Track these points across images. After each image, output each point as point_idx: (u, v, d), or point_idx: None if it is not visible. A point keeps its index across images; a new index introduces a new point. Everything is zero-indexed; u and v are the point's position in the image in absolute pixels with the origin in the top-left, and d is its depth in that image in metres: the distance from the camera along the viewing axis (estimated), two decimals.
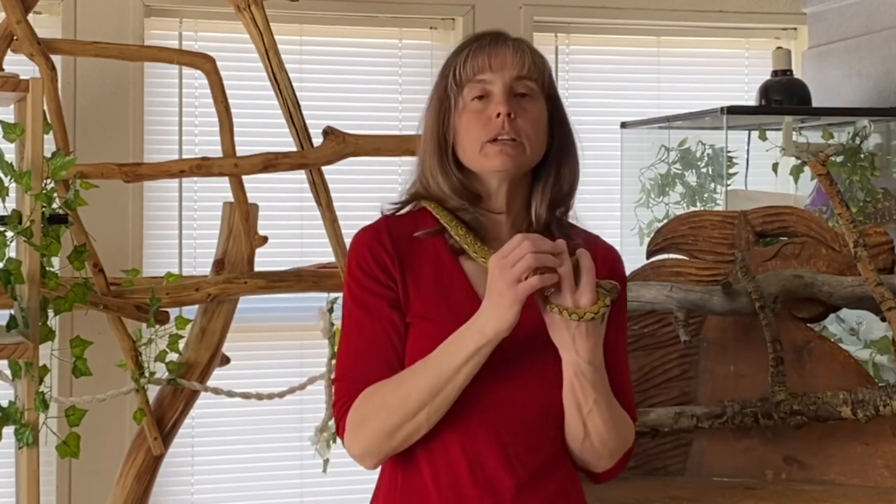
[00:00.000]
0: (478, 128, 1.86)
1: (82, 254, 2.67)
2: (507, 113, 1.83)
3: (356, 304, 1.87)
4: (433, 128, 1.91)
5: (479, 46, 1.89)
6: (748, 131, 4.15)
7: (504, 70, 1.86)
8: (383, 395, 1.80)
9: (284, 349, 4.05)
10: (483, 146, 1.85)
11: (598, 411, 1.82)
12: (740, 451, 2.52)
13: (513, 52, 1.87)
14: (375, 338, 1.84)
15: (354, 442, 1.83)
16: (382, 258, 1.86)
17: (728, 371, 2.57)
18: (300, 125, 3.07)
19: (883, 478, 2.44)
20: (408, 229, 1.91)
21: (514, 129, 1.84)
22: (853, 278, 2.47)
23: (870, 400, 2.38)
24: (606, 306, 1.75)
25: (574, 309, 1.74)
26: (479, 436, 1.81)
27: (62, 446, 2.50)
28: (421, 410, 1.78)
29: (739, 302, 2.49)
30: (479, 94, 1.87)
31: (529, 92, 1.87)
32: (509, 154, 1.84)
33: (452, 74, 1.89)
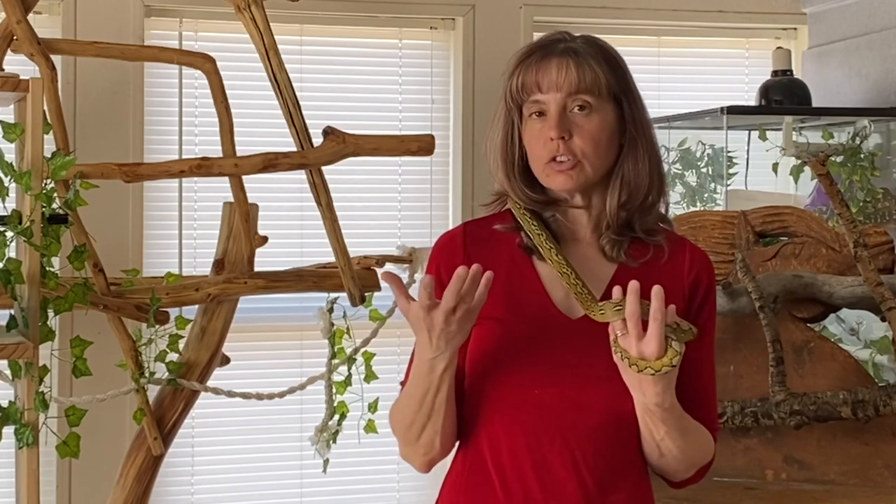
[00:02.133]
0: (538, 148, 1.85)
1: (82, 254, 2.67)
2: (559, 137, 1.82)
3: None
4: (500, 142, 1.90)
5: (528, 65, 1.86)
6: (748, 131, 4.14)
7: (553, 90, 1.83)
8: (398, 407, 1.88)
9: (284, 349, 4.05)
10: (544, 167, 1.85)
11: (671, 440, 1.81)
12: (740, 451, 2.52)
13: (557, 68, 1.83)
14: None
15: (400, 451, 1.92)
16: (454, 264, 1.81)
17: (728, 371, 2.57)
18: (300, 125, 3.07)
19: (883, 478, 2.44)
20: (488, 230, 1.91)
21: (570, 150, 1.82)
22: (853, 278, 2.47)
23: (870, 400, 2.38)
24: (672, 366, 1.67)
25: (636, 359, 1.69)
26: (544, 438, 1.80)
27: (62, 446, 2.50)
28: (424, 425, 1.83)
29: (739, 302, 2.49)
30: (536, 111, 1.85)
31: (586, 105, 1.83)
32: (568, 175, 1.83)
33: (509, 93, 1.87)
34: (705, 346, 1.90)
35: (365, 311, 3.28)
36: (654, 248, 1.88)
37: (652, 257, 1.87)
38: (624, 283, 1.80)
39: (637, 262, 1.86)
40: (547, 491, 1.80)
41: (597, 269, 1.87)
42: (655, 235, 1.88)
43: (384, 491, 4.11)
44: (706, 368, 1.91)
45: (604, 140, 1.85)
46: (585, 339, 1.81)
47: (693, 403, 1.85)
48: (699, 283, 1.88)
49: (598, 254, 1.88)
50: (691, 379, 1.85)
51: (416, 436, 1.84)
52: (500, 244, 1.88)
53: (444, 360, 1.77)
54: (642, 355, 1.69)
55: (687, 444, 1.83)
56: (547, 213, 1.89)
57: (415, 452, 1.87)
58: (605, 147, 1.86)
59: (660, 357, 1.67)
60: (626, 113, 1.88)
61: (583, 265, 1.85)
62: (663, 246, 1.88)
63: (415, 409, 1.82)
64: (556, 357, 1.81)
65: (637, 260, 1.87)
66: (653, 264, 1.87)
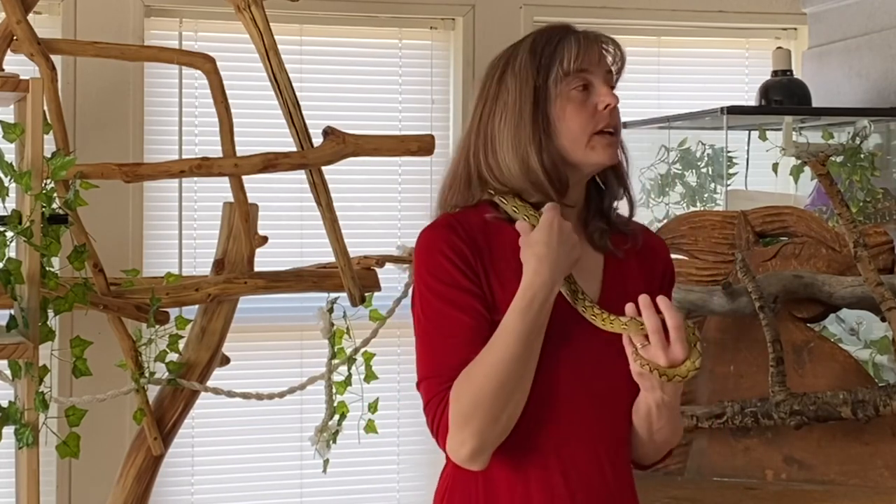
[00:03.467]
0: (584, 118, 1.85)
1: (82, 254, 2.67)
2: (614, 105, 1.86)
3: (441, 299, 1.80)
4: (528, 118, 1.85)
5: (579, 38, 1.89)
6: (748, 131, 4.14)
7: (604, 64, 1.88)
8: (476, 382, 1.74)
9: (284, 349, 4.05)
10: (591, 137, 1.84)
11: (667, 428, 1.85)
12: (740, 451, 2.52)
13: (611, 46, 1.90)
14: (468, 332, 1.78)
15: (461, 442, 1.76)
16: (463, 251, 1.82)
17: (728, 371, 2.57)
18: (300, 125, 3.07)
19: (883, 478, 2.44)
20: (477, 222, 1.86)
21: (614, 122, 1.87)
22: (853, 278, 2.47)
23: (870, 400, 2.38)
24: (696, 368, 1.71)
25: (665, 369, 1.72)
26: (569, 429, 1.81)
27: (62, 446, 2.50)
28: (518, 382, 1.75)
29: (739, 302, 2.49)
30: (582, 84, 1.86)
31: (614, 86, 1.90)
32: (615, 147, 1.86)
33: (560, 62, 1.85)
34: None
35: (365, 311, 3.28)
36: (630, 237, 1.91)
37: (629, 246, 1.91)
38: (615, 273, 1.88)
39: (621, 251, 1.90)
40: (571, 485, 1.80)
41: (585, 259, 1.87)
42: (627, 225, 1.93)
43: (384, 491, 4.11)
44: None
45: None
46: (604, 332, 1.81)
47: None
48: (668, 267, 1.96)
49: (586, 244, 1.89)
50: None
51: (505, 401, 1.74)
52: (497, 234, 1.85)
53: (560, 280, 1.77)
54: (672, 363, 1.71)
55: (673, 431, 1.88)
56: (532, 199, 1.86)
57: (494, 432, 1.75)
58: None
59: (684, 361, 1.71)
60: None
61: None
62: (636, 235, 1.92)
63: (517, 355, 1.73)
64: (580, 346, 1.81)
65: (620, 248, 1.90)
66: (633, 255, 1.92)
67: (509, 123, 1.86)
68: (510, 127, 1.86)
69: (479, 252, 1.82)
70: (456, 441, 1.76)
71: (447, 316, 1.80)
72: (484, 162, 1.88)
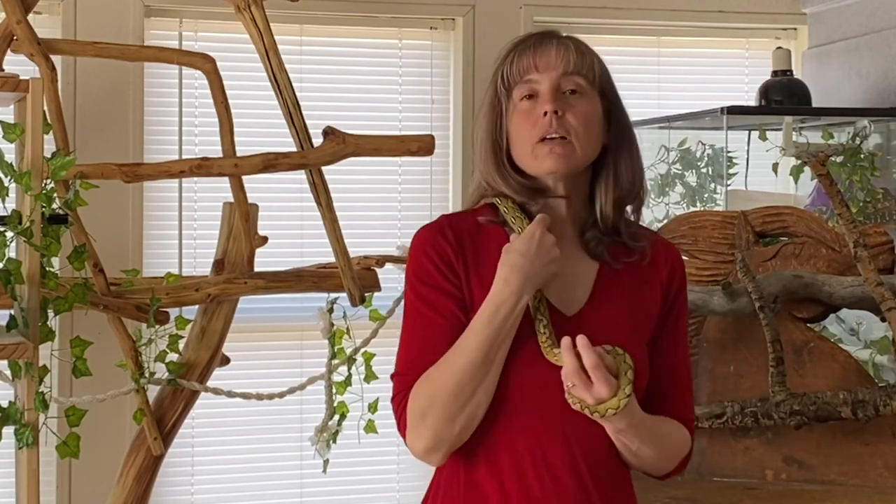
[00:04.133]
0: (527, 128, 1.85)
1: (82, 254, 2.67)
2: (553, 111, 1.82)
3: (420, 299, 1.85)
4: (487, 132, 1.90)
5: (524, 48, 1.88)
6: (748, 131, 4.14)
7: (549, 69, 1.85)
8: (435, 380, 1.79)
9: (284, 349, 4.05)
10: (533, 147, 1.84)
11: (648, 447, 1.83)
12: (740, 451, 2.52)
13: (557, 49, 1.86)
14: (442, 334, 1.82)
15: (417, 437, 1.81)
16: (447, 254, 1.85)
17: (728, 371, 2.57)
18: (300, 125, 3.06)
19: (883, 478, 2.44)
20: (469, 225, 1.89)
21: (563, 127, 1.83)
22: (853, 278, 2.47)
23: (870, 400, 2.38)
24: (627, 396, 1.71)
25: (595, 407, 1.73)
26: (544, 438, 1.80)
27: (62, 446, 2.50)
28: (478, 387, 1.77)
29: (739, 302, 2.49)
30: (527, 94, 1.86)
31: (578, 88, 1.85)
32: (559, 153, 1.83)
33: (501, 78, 1.88)
34: (679, 342, 1.93)
35: (365, 311, 3.28)
36: (638, 252, 1.90)
37: (635, 260, 1.89)
38: (608, 282, 1.86)
39: (620, 263, 1.88)
40: (546, 490, 1.80)
41: (579, 266, 1.88)
42: (639, 240, 1.90)
43: (384, 491, 4.11)
44: (680, 363, 1.94)
45: (594, 125, 1.86)
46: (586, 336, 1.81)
47: (667, 401, 1.91)
48: (674, 276, 1.92)
49: (580, 251, 1.89)
50: (665, 377, 1.90)
51: (462, 404, 1.77)
52: (487, 237, 1.87)
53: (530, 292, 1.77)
54: (599, 400, 1.72)
55: (662, 447, 1.87)
56: (533, 207, 1.88)
57: (450, 431, 1.79)
58: (595, 133, 1.87)
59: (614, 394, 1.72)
60: (612, 110, 1.90)
61: (567, 262, 1.86)
62: (647, 250, 1.90)
63: (477, 361, 1.76)
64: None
65: (620, 261, 1.89)
66: (634, 266, 1.89)
67: (483, 136, 1.90)
68: (483, 139, 1.90)
69: (463, 254, 1.85)
70: (413, 436, 1.81)
71: (423, 315, 1.84)
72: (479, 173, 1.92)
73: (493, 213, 1.90)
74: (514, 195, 1.88)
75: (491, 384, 1.78)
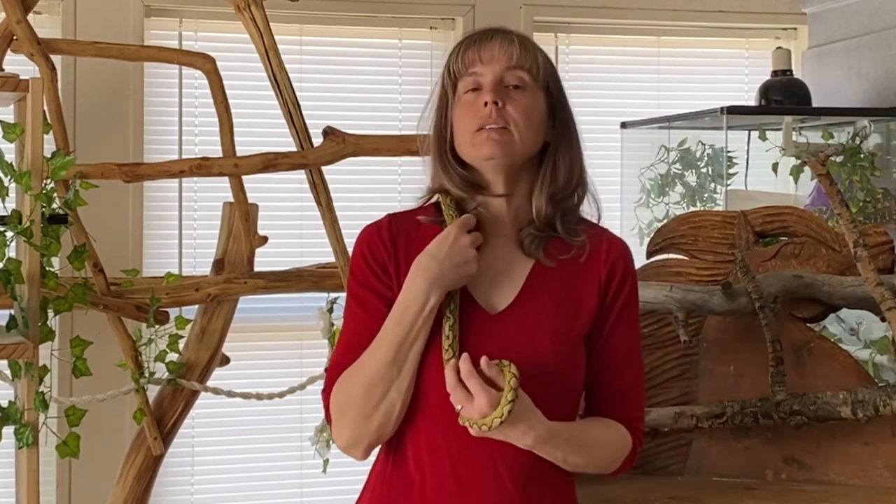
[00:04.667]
0: (469, 118, 1.87)
1: (82, 254, 2.67)
2: (493, 101, 1.85)
3: (353, 297, 1.90)
4: (434, 125, 1.94)
5: (470, 42, 1.91)
6: (748, 131, 4.15)
7: (493, 62, 1.88)
8: (351, 379, 1.84)
9: (284, 349, 4.05)
10: (473, 135, 1.87)
11: (574, 457, 1.84)
12: (740, 451, 2.52)
13: (500, 44, 1.89)
14: (366, 332, 1.85)
15: (339, 432, 1.87)
16: (380, 254, 1.89)
17: (728, 371, 2.57)
18: (300, 125, 3.07)
19: (883, 478, 2.44)
20: (409, 224, 1.92)
21: (503, 117, 1.85)
22: (853, 278, 2.47)
23: (870, 400, 2.38)
24: (510, 403, 1.71)
25: (481, 421, 1.73)
26: (463, 435, 1.80)
27: (62, 446, 2.50)
28: (390, 385, 1.81)
29: (739, 302, 2.49)
30: (472, 87, 1.89)
31: (521, 83, 1.88)
32: (496, 140, 1.85)
33: (447, 71, 1.92)
34: (622, 339, 1.93)
35: None
36: (576, 247, 1.90)
37: (572, 256, 1.90)
38: (539, 280, 1.88)
39: (554, 261, 1.89)
40: (463, 486, 1.81)
41: (513, 264, 1.90)
42: (577, 236, 1.91)
43: None
44: (623, 361, 1.93)
45: (535, 118, 1.89)
46: (506, 334, 1.84)
47: (608, 400, 1.92)
48: (614, 272, 1.91)
49: (516, 248, 1.91)
50: (606, 375, 1.91)
51: (376, 402, 1.81)
52: (425, 235, 1.88)
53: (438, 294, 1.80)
54: (482, 414, 1.73)
55: (591, 454, 1.87)
56: (470, 205, 1.90)
57: (367, 428, 1.83)
58: (536, 127, 1.89)
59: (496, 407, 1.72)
60: (556, 106, 1.93)
61: (500, 259, 1.89)
62: (585, 245, 1.90)
63: (387, 360, 1.80)
64: (477, 352, 1.79)
65: (555, 258, 1.90)
66: (571, 262, 1.90)
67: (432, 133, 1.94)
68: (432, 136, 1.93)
69: (396, 254, 1.88)
70: (336, 431, 1.87)
71: (355, 313, 1.89)
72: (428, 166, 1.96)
73: (437, 211, 1.93)
74: (453, 188, 1.90)
75: (404, 383, 1.81)
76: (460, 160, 1.91)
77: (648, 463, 2.54)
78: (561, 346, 1.85)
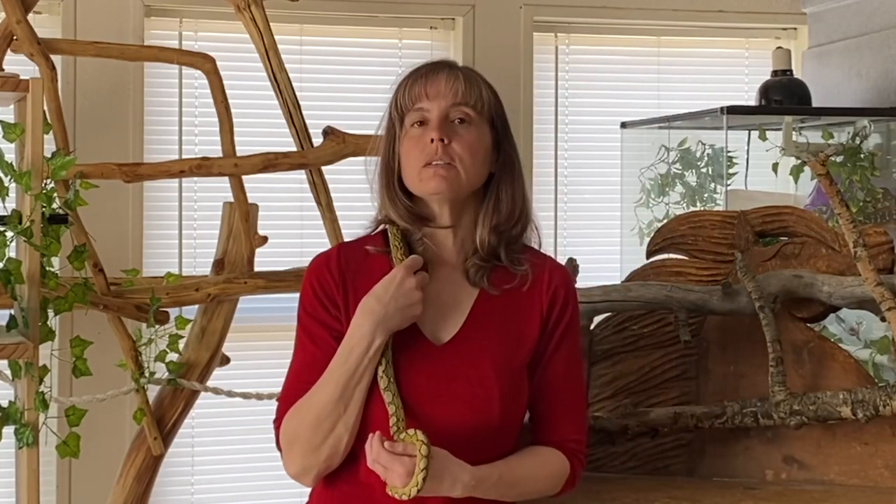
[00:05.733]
0: (416, 153, 1.92)
1: (82, 254, 2.67)
2: (439, 138, 1.89)
3: (302, 328, 1.96)
4: (381, 156, 1.99)
5: (417, 76, 1.96)
6: (748, 131, 4.15)
7: (439, 98, 1.92)
8: (299, 413, 1.88)
9: (284, 349, 4.01)
10: (420, 171, 1.91)
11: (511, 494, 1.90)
12: (740, 451, 2.52)
13: (446, 80, 1.93)
14: (315, 364, 1.90)
15: (288, 462, 1.92)
16: (328, 285, 1.93)
17: (728, 371, 2.57)
18: (300, 125, 3.07)
19: (883, 478, 2.44)
20: (358, 254, 1.97)
21: (448, 154, 1.90)
22: (853, 278, 2.47)
23: (870, 400, 2.38)
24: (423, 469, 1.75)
25: (401, 490, 1.77)
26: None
27: (62, 446, 2.50)
28: (337, 421, 1.85)
29: (739, 302, 2.49)
30: (418, 121, 1.93)
31: (466, 118, 1.92)
32: (442, 176, 1.89)
33: (395, 104, 1.97)
34: (563, 364, 1.97)
35: None
36: (519, 276, 1.94)
37: (516, 285, 1.94)
38: (484, 310, 1.92)
39: (499, 290, 1.94)
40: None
41: (459, 294, 1.94)
42: (521, 265, 1.95)
43: None
44: (564, 384, 1.98)
45: (480, 153, 1.93)
46: (451, 365, 1.88)
47: (548, 423, 1.97)
48: (556, 300, 1.96)
49: (462, 278, 1.95)
50: (546, 399, 1.96)
51: (324, 435, 1.85)
52: (374, 266, 1.93)
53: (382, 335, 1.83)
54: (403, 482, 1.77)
55: (526, 489, 1.93)
56: (416, 236, 1.94)
57: (315, 459, 1.87)
58: (480, 161, 1.93)
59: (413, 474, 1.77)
60: (501, 139, 1.97)
61: (446, 289, 1.93)
62: (528, 273, 1.95)
63: (334, 398, 1.83)
64: (422, 383, 1.86)
65: (500, 287, 1.94)
66: (514, 291, 1.94)
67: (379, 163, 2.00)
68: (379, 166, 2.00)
69: (344, 286, 1.93)
70: (285, 461, 1.92)
71: (303, 345, 1.96)
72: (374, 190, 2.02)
73: (385, 240, 1.97)
74: (399, 220, 1.95)
75: (351, 419, 1.85)
76: (406, 191, 1.95)
77: (648, 463, 2.54)
78: (503, 375, 1.89)
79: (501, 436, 1.90)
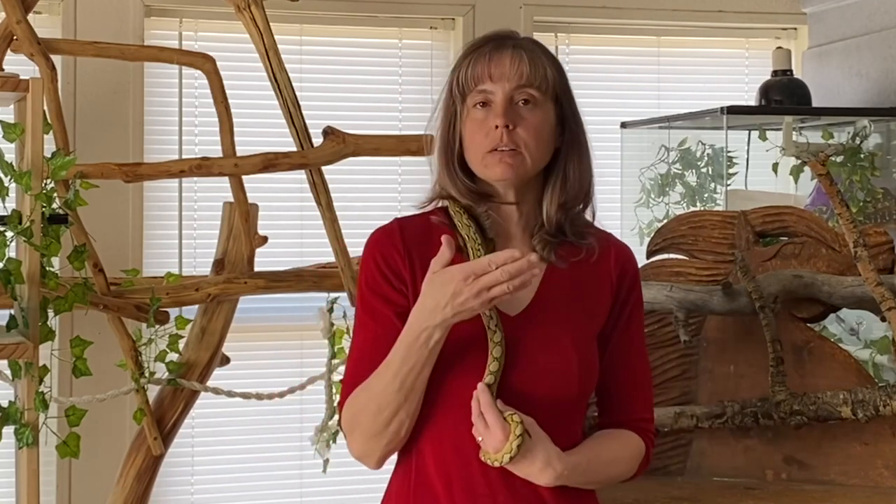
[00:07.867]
0: (480, 137, 1.87)
1: (82, 254, 2.67)
2: (504, 125, 1.85)
3: (365, 307, 1.89)
4: (441, 133, 1.93)
5: (479, 55, 1.89)
6: (748, 131, 4.15)
7: (503, 80, 1.86)
8: (359, 399, 1.84)
9: (284, 349, 4.05)
10: (484, 156, 1.87)
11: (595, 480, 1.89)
12: (740, 451, 2.52)
13: (511, 60, 1.87)
14: (377, 344, 1.84)
15: (351, 446, 1.88)
16: (394, 260, 1.88)
17: (728, 371, 2.57)
18: (300, 125, 3.07)
19: (883, 478, 2.44)
20: (421, 228, 1.92)
21: (513, 140, 1.85)
22: (853, 278, 2.47)
23: (870, 400, 2.38)
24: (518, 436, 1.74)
25: (494, 456, 1.77)
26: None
27: (62, 446, 2.50)
28: (398, 409, 1.81)
29: (739, 302, 2.49)
30: (481, 101, 1.88)
31: (531, 99, 1.87)
32: (508, 163, 1.85)
33: (456, 82, 1.90)
34: (633, 340, 1.96)
35: None
36: (585, 249, 1.92)
37: (582, 258, 1.92)
38: (554, 282, 1.89)
39: (566, 263, 1.91)
40: (493, 486, 1.82)
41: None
42: (586, 238, 1.92)
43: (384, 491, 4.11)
44: (634, 362, 1.96)
45: (545, 135, 1.89)
46: (526, 335, 1.85)
47: (621, 401, 1.95)
48: (625, 273, 1.95)
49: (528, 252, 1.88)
50: (618, 375, 1.94)
51: (385, 423, 1.82)
52: (436, 241, 1.86)
53: (441, 330, 1.77)
54: (496, 449, 1.76)
55: (610, 474, 1.92)
56: (481, 209, 1.90)
57: (377, 444, 1.84)
58: (546, 143, 1.89)
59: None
60: (566, 115, 1.93)
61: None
62: (594, 246, 1.92)
63: (394, 388, 1.79)
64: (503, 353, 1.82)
65: (567, 260, 1.91)
66: (582, 264, 1.91)
67: (438, 139, 1.93)
68: (438, 142, 1.93)
69: (411, 260, 1.87)
70: (348, 443, 1.88)
71: (363, 323, 1.89)
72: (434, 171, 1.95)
73: (446, 214, 1.93)
74: (459, 197, 1.90)
75: (412, 406, 1.82)
76: (467, 169, 1.91)
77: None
78: (581, 345, 1.87)
79: (576, 409, 1.88)
